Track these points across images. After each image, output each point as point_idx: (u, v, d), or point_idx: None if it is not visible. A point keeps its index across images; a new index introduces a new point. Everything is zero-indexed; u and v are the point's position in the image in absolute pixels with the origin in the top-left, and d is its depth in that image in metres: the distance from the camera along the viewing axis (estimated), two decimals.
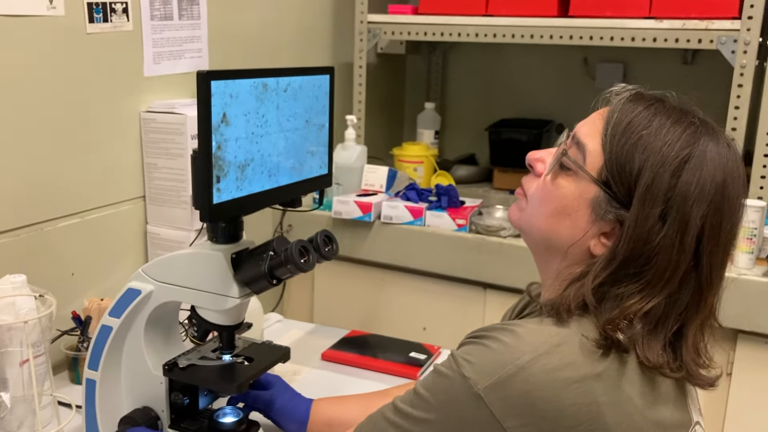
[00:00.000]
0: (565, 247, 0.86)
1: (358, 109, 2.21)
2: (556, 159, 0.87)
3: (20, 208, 1.37)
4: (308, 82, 1.11)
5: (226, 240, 1.07)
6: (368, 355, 1.56)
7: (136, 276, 1.13)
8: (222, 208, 0.97)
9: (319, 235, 1.06)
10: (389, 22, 2.13)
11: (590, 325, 0.81)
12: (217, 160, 0.96)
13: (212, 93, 0.92)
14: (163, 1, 1.62)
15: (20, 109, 1.35)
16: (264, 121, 1.02)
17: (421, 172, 2.28)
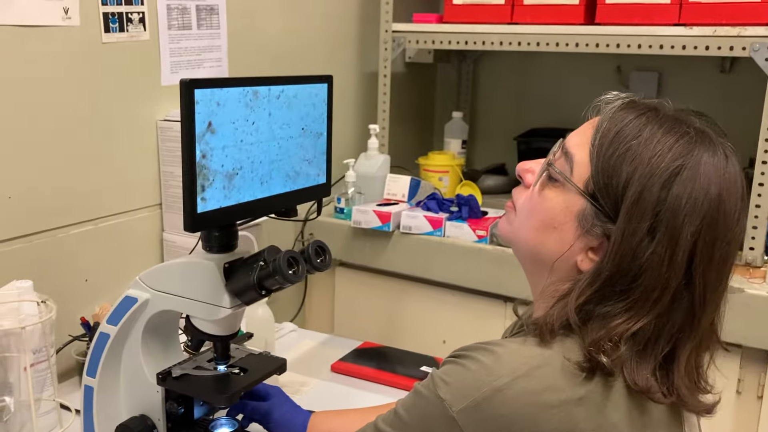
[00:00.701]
0: (551, 261, 0.82)
1: (383, 118, 2.19)
2: (542, 170, 0.83)
3: (34, 215, 1.40)
4: (304, 90, 1.10)
5: (219, 249, 1.06)
6: (378, 368, 1.54)
7: (134, 284, 1.13)
8: (207, 217, 0.96)
9: (311, 246, 1.04)
10: (414, 31, 2.11)
11: (574, 346, 0.77)
12: (201, 168, 0.95)
13: (197, 101, 0.92)
14: (181, 10, 1.63)
15: (36, 117, 1.37)
16: (254, 129, 1.01)
17: (446, 182, 2.24)
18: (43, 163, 1.40)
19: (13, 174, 1.35)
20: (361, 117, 2.30)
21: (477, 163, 2.61)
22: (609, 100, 0.83)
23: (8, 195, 1.34)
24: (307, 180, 1.13)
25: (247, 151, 1.01)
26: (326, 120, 1.13)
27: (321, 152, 1.14)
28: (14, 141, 1.34)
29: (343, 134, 2.26)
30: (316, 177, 1.14)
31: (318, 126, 1.13)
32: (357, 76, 2.29)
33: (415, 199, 2.05)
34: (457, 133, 2.42)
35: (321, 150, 1.14)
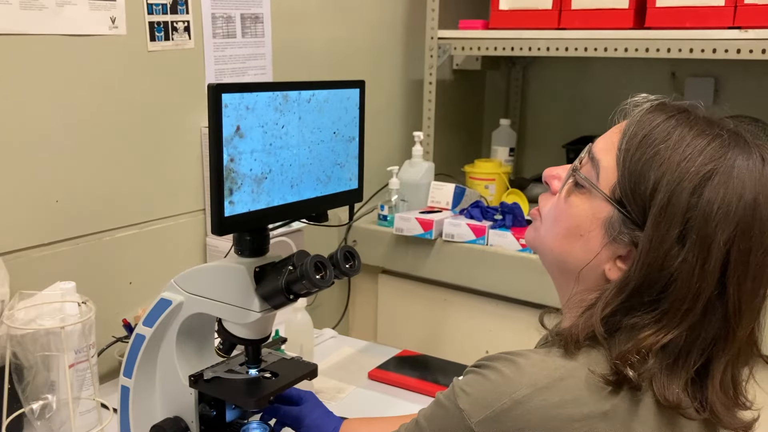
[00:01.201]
0: (578, 270, 0.79)
1: (427, 125, 2.18)
2: (568, 175, 0.81)
3: (80, 218, 1.44)
4: (335, 95, 1.10)
5: (251, 253, 1.07)
6: (415, 377, 1.52)
7: (169, 286, 1.15)
8: (235, 221, 0.96)
9: (340, 251, 1.04)
10: (460, 37, 2.10)
11: (600, 358, 0.75)
12: (229, 172, 0.95)
13: (226, 105, 0.93)
14: (226, 19, 1.66)
15: (84, 123, 1.41)
16: (284, 132, 1.02)
17: (492, 190, 2.21)
18: (90, 168, 1.44)
19: (60, 178, 1.39)
20: (406, 124, 2.29)
21: (526, 171, 2.57)
22: (637, 103, 0.80)
23: (56, 199, 1.39)
24: (339, 185, 1.12)
25: (276, 154, 1.01)
26: (358, 125, 1.12)
27: (353, 156, 1.14)
28: (62, 147, 1.38)
29: (388, 141, 2.26)
30: (348, 182, 1.14)
31: (350, 130, 1.13)
32: (402, 83, 2.29)
33: (459, 207, 2.03)
34: (504, 141, 2.39)
35: (353, 154, 1.14)
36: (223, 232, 0.95)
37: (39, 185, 1.36)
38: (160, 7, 1.51)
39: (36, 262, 1.37)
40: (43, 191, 1.36)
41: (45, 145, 1.36)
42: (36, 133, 1.34)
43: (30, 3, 1.29)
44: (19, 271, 1.31)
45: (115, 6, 1.43)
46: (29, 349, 1.15)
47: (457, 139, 2.51)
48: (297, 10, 1.87)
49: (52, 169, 1.37)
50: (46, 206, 1.37)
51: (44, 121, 1.35)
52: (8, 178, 1.31)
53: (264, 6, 1.76)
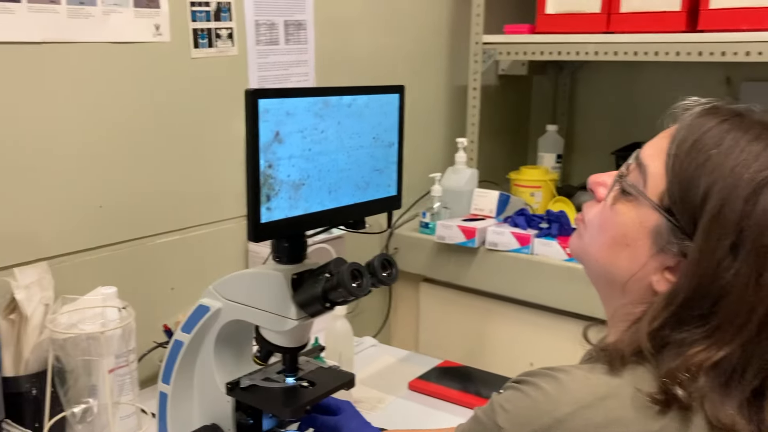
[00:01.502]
0: (623, 281, 0.76)
1: (471, 131, 2.14)
2: (614, 182, 0.77)
3: (123, 223, 1.45)
4: (375, 100, 1.08)
5: (288, 260, 1.05)
6: (457, 389, 1.49)
7: (207, 293, 1.14)
8: (271, 227, 0.95)
9: (378, 259, 1.02)
10: (505, 42, 2.06)
11: (647, 375, 0.71)
12: (267, 178, 0.95)
13: (266, 110, 0.92)
14: (269, 26, 1.66)
15: (128, 129, 1.43)
16: (323, 137, 1.00)
17: (538, 198, 2.17)
18: (133, 175, 1.45)
19: (104, 184, 1.40)
20: (450, 131, 2.26)
21: (573, 178, 2.51)
22: (688, 106, 0.76)
23: (99, 204, 1.40)
24: (378, 191, 1.10)
25: (315, 160, 1.00)
26: (398, 130, 1.10)
27: (392, 163, 1.12)
28: (106, 153, 1.40)
29: (431, 148, 2.23)
30: (386, 188, 1.12)
31: (390, 136, 1.11)
32: (446, 89, 2.27)
33: (504, 215, 1.99)
34: (551, 147, 2.34)
35: (392, 160, 1.12)
36: (259, 238, 0.94)
37: (83, 191, 1.37)
38: (204, 15, 1.52)
39: (79, 266, 1.38)
40: (87, 197, 1.38)
41: (89, 152, 1.37)
42: (81, 139, 1.36)
43: (77, 11, 1.31)
44: (63, 275, 1.33)
45: (159, 13, 1.44)
46: (70, 354, 1.16)
47: (502, 145, 2.47)
48: (340, 16, 1.86)
49: (96, 175, 1.39)
50: (90, 212, 1.39)
51: (89, 127, 1.37)
52: (53, 184, 1.33)
53: (307, 12, 1.76)
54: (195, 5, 1.50)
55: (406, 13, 2.07)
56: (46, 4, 1.26)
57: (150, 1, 1.42)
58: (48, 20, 1.27)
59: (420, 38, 2.14)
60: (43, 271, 1.26)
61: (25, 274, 1.21)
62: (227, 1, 1.56)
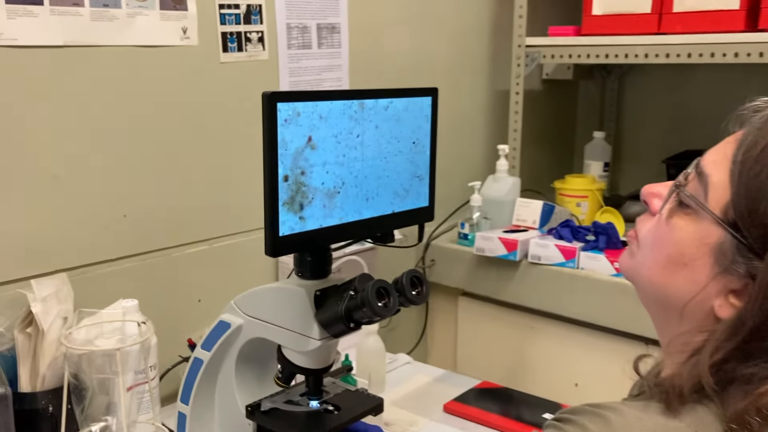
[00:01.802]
0: (681, 305, 0.66)
1: (514, 138, 2.05)
2: (670, 193, 0.68)
3: (149, 233, 1.40)
4: (414, 103, 1.01)
5: (312, 275, 0.98)
6: (495, 412, 1.40)
7: (228, 308, 1.08)
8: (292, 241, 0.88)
9: (406, 275, 0.94)
10: (550, 44, 1.97)
11: (710, 417, 0.61)
12: (300, 186, 0.88)
13: (298, 113, 0.85)
14: (302, 29, 1.60)
15: (154, 136, 1.38)
16: (359, 142, 0.93)
17: (584, 208, 2.06)
18: (159, 182, 1.40)
19: (128, 193, 1.36)
20: (491, 137, 2.17)
21: (621, 187, 2.40)
22: (758, 108, 0.66)
23: (123, 213, 1.36)
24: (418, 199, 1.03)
25: (350, 166, 0.93)
26: (430, 136, 1.03)
27: (426, 171, 1.04)
28: (131, 160, 1.35)
29: (470, 155, 2.15)
30: (420, 199, 1.04)
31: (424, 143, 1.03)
32: (488, 94, 2.18)
33: (547, 227, 1.90)
34: (598, 155, 2.23)
35: (426, 169, 1.04)
36: (277, 252, 0.87)
37: (106, 200, 1.33)
38: (233, 18, 1.47)
39: (102, 278, 1.33)
40: (110, 206, 1.34)
41: (113, 158, 1.33)
42: (104, 145, 1.32)
43: (101, 14, 1.27)
44: (84, 287, 1.28)
45: (186, 16, 1.39)
46: (85, 371, 1.11)
47: (546, 153, 2.37)
48: (376, 19, 1.79)
49: (120, 183, 1.34)
50: (114, 221, 1.34)
51: (113, 133, 1.32)
52: (75, 192, 1.28)
53: (341, 15, 1.69)
54: (224, 8, 1.45)
55: (444, 14, 1.99)
56: (68, 6, 1.22)
57: (177, 3, 1.37)
58: (71, 23, 1.23)
59: (460, 41, 2.06)
60: (62, 282, 1.22)
61: (42, 286, 1.17)
62: (258, 4, 1.51)
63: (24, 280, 1.19)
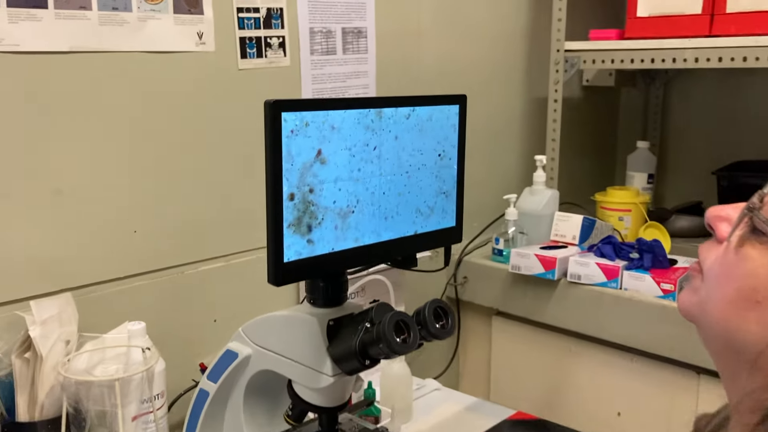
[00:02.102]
0: (754, 353, 0.55)
1: (552, 148, 1.94)
2: (741, 217, 0.57)
3: (161, 250, 1.32)
4: (440, 111, 0.91)
5: (325, 302, 0.89)
6: None
7: (236, 336, 0.99)
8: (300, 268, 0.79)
9: (429, 306, 0.83)
10: (590, 49, 1.85)
11: None
12: (308, 206, 0.78)
13: (306, 124, 0.76)
14: (326, 34, 1.52)
15: (166, 146, 1.30)
16: (376, 155, 0.84)
17: (627, 223, 1.93)
18: (173, 196, 1.32)
19: (139, 206, 1.28)
20: (528, 147, 2.06)
21: (667, 200, 2.26)
22: None
23: (134, 229, 1.28)
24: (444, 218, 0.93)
25: (367, 182, 0.83)
26: (457, 148, 0.92)
27: (452, 187, 0.94)
28: (143, 172, 1.28)
29: (506, 166, 2.04)
30: (445, 218, 0.94)
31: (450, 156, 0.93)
32: (524, 101, 2.07)
33: (588, 242, 1.77)
34: (642, 166, 2.10)
35: (452, 185, 0.94)
36: (283, 280, 0.77)
37: (115, 214, 1.25)
38: (253, 22, 1.39)
39: (110, 297, 1.26)
40: (120, 221, 1.26)
41: (123, 171, 1.25)
42: (113, 157, 1.24)
43: (110, 18, 1.19)
44: (91, 307, 1.21)
45: (202, 20, 1.31)
46: (83, 401, 1.03)
47: (587, 163, 2.26)
48: (405, 23, 1.70)
49: (130, 196, 1.27)
50: (123, 237, 1.27)
51: (122, 144, 1.25)
52: (81, 206, 1.21)
53: (368, 19, 1.60)
54: (243, 11, 1.37)
55: (479, 18, 1.88)
56: (75, 10, 1.15)
57: (192, 7, 1.30)
58: (77, 27, 1.16)
59: (494, 46, 1.95)
60: (65, 303, 1.14)
61: (42, 308, 1.09)
62: (279, 7, 1.43)
63: (23, 300, 1.12)
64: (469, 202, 1.88)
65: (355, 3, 1.56)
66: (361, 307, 0.91)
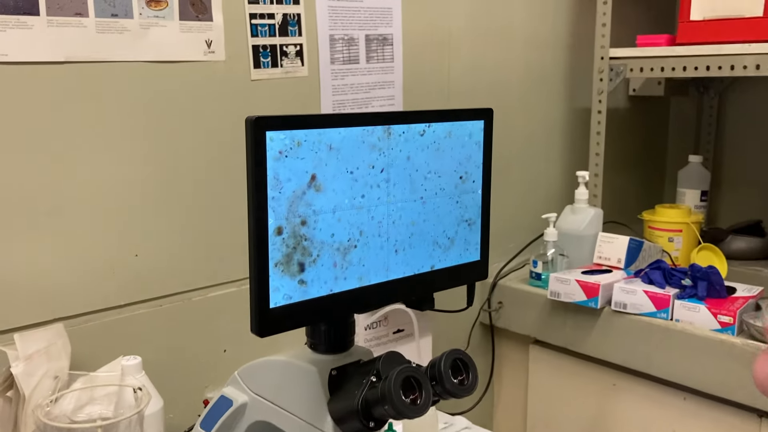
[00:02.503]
0: None
1: (595, 163, 1.79)
2: None
3: (165, 275, 1.23)
4: (459, 128, 0.78)
5: (327, 348, 0.77)
6: None
7: (232, 380, 0.88)
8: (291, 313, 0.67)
9: (446, 359, 0.71)
10: (638, 56, 1.70)
11: None
12: (300, 240, 0.67)
13: (298, 143, 0.65)
14: (348, 41, 1.41)
15: (170, 164, 1.21)
16: (384, 178, 0.72)
17: (678, 244, 1.78)
18: (178, 216, 1.23)
19: (140, 227, 1.19)
20: (570, 162, 1.92)
21: (722, 220, 2.10)
22: None
23: (135, 253, 1.18)
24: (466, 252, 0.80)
25: (372, 210, 0.71)
26: (482, 170, 0.80)
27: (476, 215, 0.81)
28: (145, 191, 1.18)
29: (544, 183, 1.91)
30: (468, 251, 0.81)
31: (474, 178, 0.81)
32: (565, 113, 1.93)
33: (634, 266, 1.63)
34: (694, 182, 1.95)
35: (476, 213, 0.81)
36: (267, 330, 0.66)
37: (114, 236, 1.16)
38: (267, 29, 1.29)
39: (109, 327, 1.16)
40: (120, 243, 1.17)
41: (124, 190, 1.16)
42: (113, 176, 1.15)
43: (108, 25, 1.10)
44: (86, 339, 1.12)
45: (211, 27, 1.22)
46: None
47: (633, 179, 2.12)
48: (435, 29, 1.58)
49: (132, 218, 1.17)
50: (123, 261, 1.17)
51: (123, 162, 1.16)
52: (76, 228, 1.12)
53: (394, 25, 1.49)
54: (256, 17, 1.27)
55: (515, 23, 1.76)
56: (70, 17, 1.06)
57: (200, 13, 1.20)
58: (73, 36, 1.07)
59: (533, 53, 1.82)
60: (56, 334, 1.05)
61: (27, 341, 1.00)
62: (296, 13, 1.32)
63: (8, 332, 1.03)
64: (505, 222, 1.77)
65: (380, 8, 1.45)
66: (370, 353, 0.79)
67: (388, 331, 1.36)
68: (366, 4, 1.42)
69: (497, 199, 1.76)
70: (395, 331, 1.37)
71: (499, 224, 1.83)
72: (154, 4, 1.15)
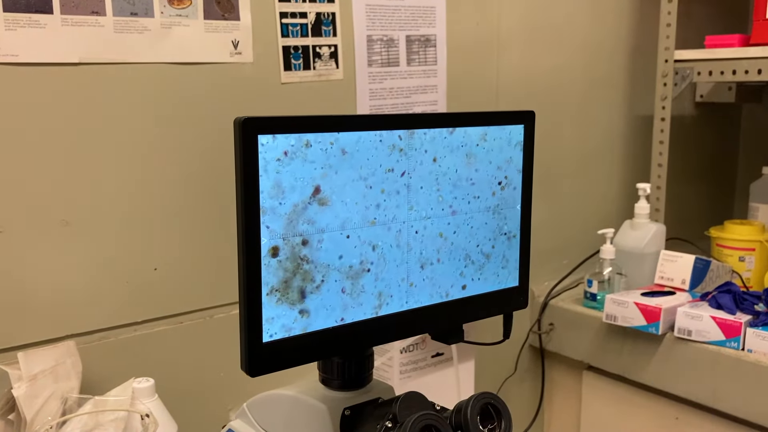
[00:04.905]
0: None
1: (658, 174, 1.65)
2: None
3: (185, 290, 1.15)
4: (495, 132, 0.68)
5: (341, 384, 0.68)
6: None
7: (240, 413, 0.80)
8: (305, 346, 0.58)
9: (474, 403, 0.60)
10: (706, 59, 1.56)
11: None
12: (300, 263, 0.58)
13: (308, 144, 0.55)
14: (387, 42, 1.31)
15: (192, 172, 1.14)
16: (404, 184, 0.62)
17: (750, 264, 1.63)
18: (199, 229, 1.16)
19: (160, 239, 1.12)
20: (629, 174, 1.79)
21: None
22: None
23: (153, 266, 1.11)
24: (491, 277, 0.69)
25: (389, 225, 0.62)
26: (522, 176, 0.69)
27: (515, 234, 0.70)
28: (166, 201, 1.12)
29: (602, 196, 1.77)
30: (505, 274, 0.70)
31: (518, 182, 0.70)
32: (624, 120, 1.79)
33: (700, 288, 1.48)
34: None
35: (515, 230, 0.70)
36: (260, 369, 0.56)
37: (132, 249, 1.09)
38: (299, 29, 1.20)
39: (124, 345, 1.09)
40: (137, 257, 1.10)
41: (143, 200, 1.09)
42: (132, 184, 1.08)
43: (127, 24, 1.03)
44: (100, 358, 1.05)
45: (238, 27, 1.14)
46: None
47: (700, 193, 1.97)
48: (483, 30, 1.47)
49: (151, 228, 1.10)
50: (141, 275, 1.10)
51: (143, 169, 1.09)
52: (92, 239, 1.05)
53: (438, 26, 1.39)
54: (287, 16, 1.19)
55: (570, 23, 1.63)
56: (86, 16, 1.00)
57: (226, 12, 1.12)
58: (89, 35, 1.01)
59: (589, 55, 1.69)
60: (65, 353, 0.98)
61: (32, 360, 0.94)
62: (330, 12, 1.24)
63: (11, 350, 0.97)
64: (558, 236, 1.65)
65: (423, 7, 1.36)
66: (391, 389, 0.69)
67: (426, 355, 1.26)
68: (407, 3, 1.33)
69: (549, 212, 1.66)
70: (434, 355, 1.27)
71: (551, 239, 1.72)
72: (177, 2, 1.08)
